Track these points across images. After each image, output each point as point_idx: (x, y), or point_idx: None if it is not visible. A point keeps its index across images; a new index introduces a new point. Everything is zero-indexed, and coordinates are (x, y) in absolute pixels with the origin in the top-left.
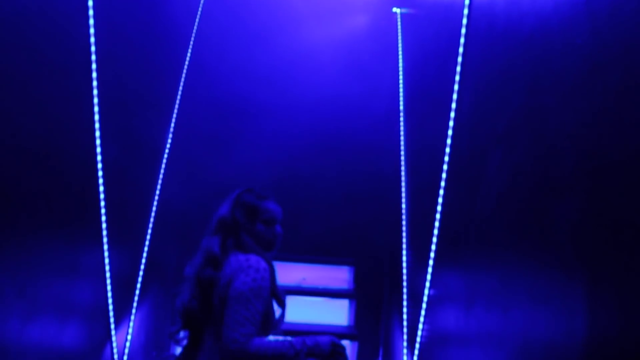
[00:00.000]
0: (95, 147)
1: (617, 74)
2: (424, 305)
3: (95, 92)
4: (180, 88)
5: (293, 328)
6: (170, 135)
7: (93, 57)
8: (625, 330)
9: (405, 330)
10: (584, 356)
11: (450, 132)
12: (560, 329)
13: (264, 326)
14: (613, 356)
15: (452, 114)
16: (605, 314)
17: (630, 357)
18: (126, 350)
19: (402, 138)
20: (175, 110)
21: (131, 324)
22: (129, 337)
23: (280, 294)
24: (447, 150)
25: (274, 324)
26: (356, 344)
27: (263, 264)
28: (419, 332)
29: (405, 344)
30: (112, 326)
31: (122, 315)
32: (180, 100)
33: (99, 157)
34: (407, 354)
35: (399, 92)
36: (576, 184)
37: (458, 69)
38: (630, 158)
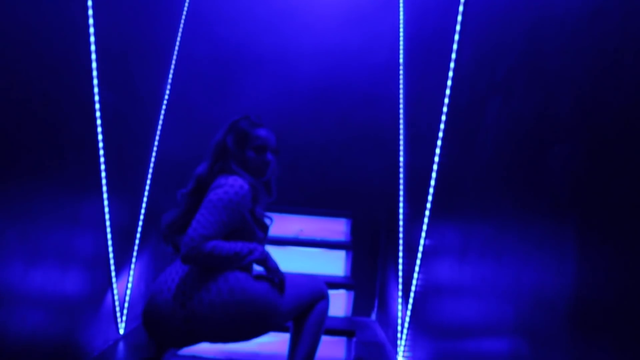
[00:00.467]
0: (93, 95)
1: (617, 18)
2: (419, 255)
3: (92, 39)
4: (179, 37)
5: None
6: (169, 85)
7: (89, 3)
8: (613, 270)
9: (400, 280)
10: (573, 295)
11: (449, 83)
12: (551, 270)
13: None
14: (600, 294)
15: (452, 64)
16: (594, 254)
17: (617, 296)
18: (127, 298)
19: (401, 89)
20: (174, 60)
21: (131, 272)
22: (130, 285)
23: (261, 216)
24: (446, 100)
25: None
26: (352, 293)
27: (240, 182)
28: (414, 282)
29: (400, 293)
30: (113, 274)
31: (122, 265)
32: (179, 49)
33: (97, 106)
34: (402, 303)
35: (399, 42)
36: (574, 130)
37: (459, 18)
38: (628, 103)
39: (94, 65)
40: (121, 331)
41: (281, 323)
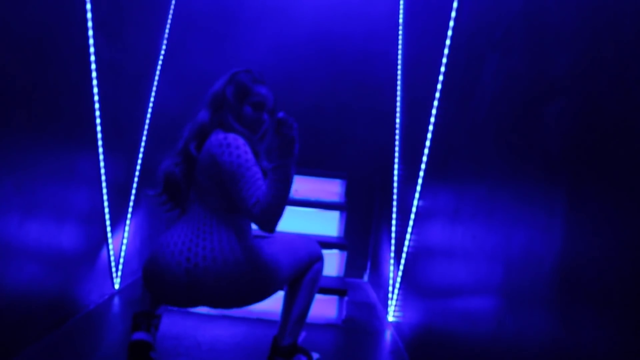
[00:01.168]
0: (88, 46)
1: None
2: (412, 217)
3: None
4: None
5: None
6: (166, 39)
7: None
8: (601, 227)
9: (393, 242)
10: (561, 251)
11: (448, 42)
12: (540, 226)
13: None
14: (588, 251)
15: (451, 23)
16: (583, 212)
17: (605, 253)
18: (122, 254)
19: (399, 48)
20: (171, 12)
21: (127, 228)
22: (125, 241)
23: (267, 169)
24: (444, 60)
25: None
26: (345, 254)
27: (242, 140)
28: (406, 243)
29: (392, 255)
30: (109, 229)
31: (117, 220)
32: (176, 4)
33: (92, 58)
34: (394, 265)
35: (398, 0)
36: (569, 88)
37: None
38: (625, 62)
39: (89, 15)
40: (116, 286)
41: (280, 287)
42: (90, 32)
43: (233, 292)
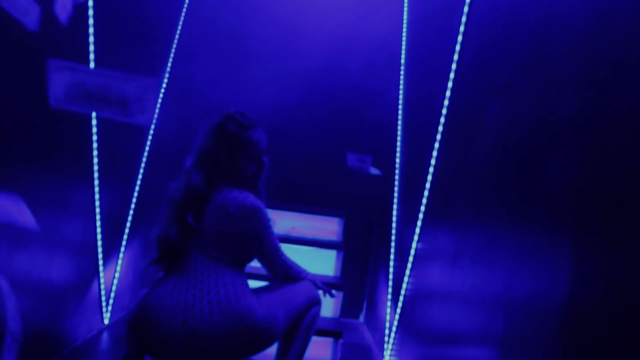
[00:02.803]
0: None
1: (624, 23)
2: (410, 259)
3: (91, 21)
4: (181, 22)
5: None
6: (168, 72)
7: None
8: (609, 283)
9: (390, 283)
10: (566, 307)
11: (450, 85)
12: (545, 280)
13: None
14: (595, 308)
15: (454, 66)
16: (590, 266)
17: (611, 306)
18: (114, 288)
19: (401, 89)
20: (174, 48)
21: (120, 262)
22: (117, 275)
23: None
24: (446, 103)
25: None
26: (341, 294)
27: (260, 202)
28: (404, 285)
29: (389, 296)
30: (101, 262)
31: (110, 254)
32: (180, 34)
33: None
34: (391, 307)
35: (401, 42)
36: (574, 136)
37: (463, 19)
38: (631, 110)
39: (91, 47)
40: (106, 321)
41: (278, 339)
42: (92, 65)
43: (229, 351)
